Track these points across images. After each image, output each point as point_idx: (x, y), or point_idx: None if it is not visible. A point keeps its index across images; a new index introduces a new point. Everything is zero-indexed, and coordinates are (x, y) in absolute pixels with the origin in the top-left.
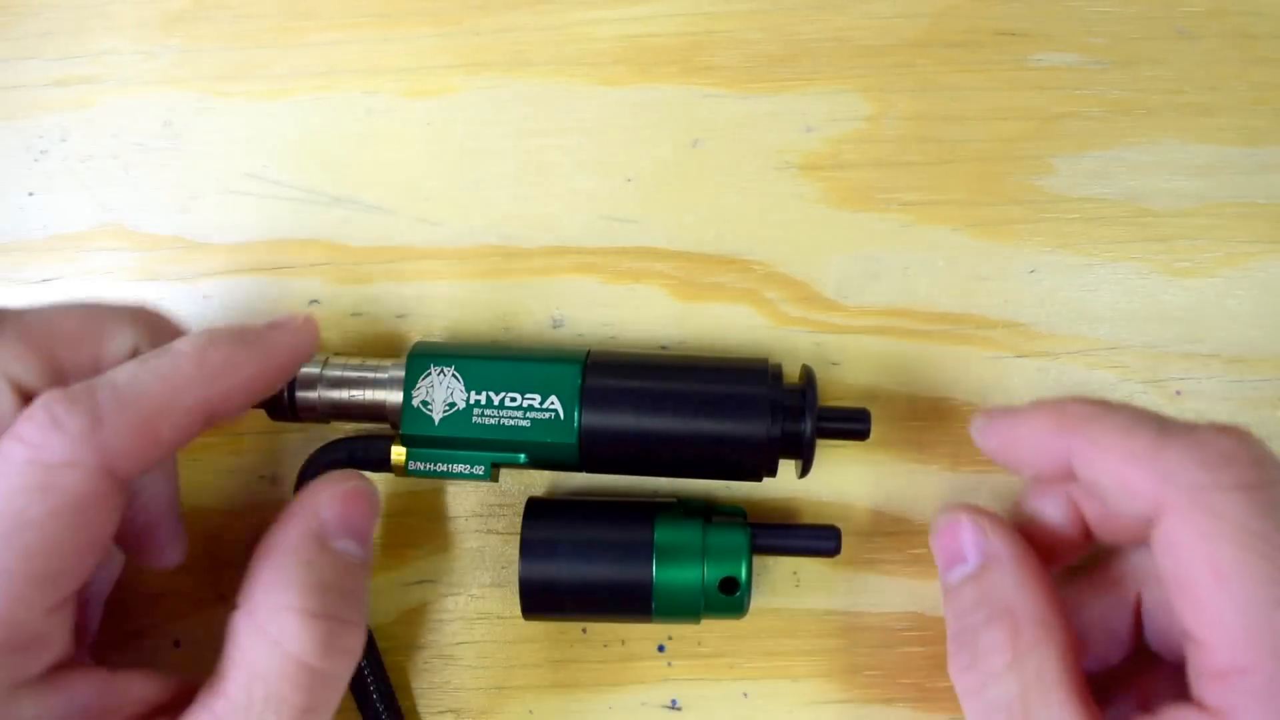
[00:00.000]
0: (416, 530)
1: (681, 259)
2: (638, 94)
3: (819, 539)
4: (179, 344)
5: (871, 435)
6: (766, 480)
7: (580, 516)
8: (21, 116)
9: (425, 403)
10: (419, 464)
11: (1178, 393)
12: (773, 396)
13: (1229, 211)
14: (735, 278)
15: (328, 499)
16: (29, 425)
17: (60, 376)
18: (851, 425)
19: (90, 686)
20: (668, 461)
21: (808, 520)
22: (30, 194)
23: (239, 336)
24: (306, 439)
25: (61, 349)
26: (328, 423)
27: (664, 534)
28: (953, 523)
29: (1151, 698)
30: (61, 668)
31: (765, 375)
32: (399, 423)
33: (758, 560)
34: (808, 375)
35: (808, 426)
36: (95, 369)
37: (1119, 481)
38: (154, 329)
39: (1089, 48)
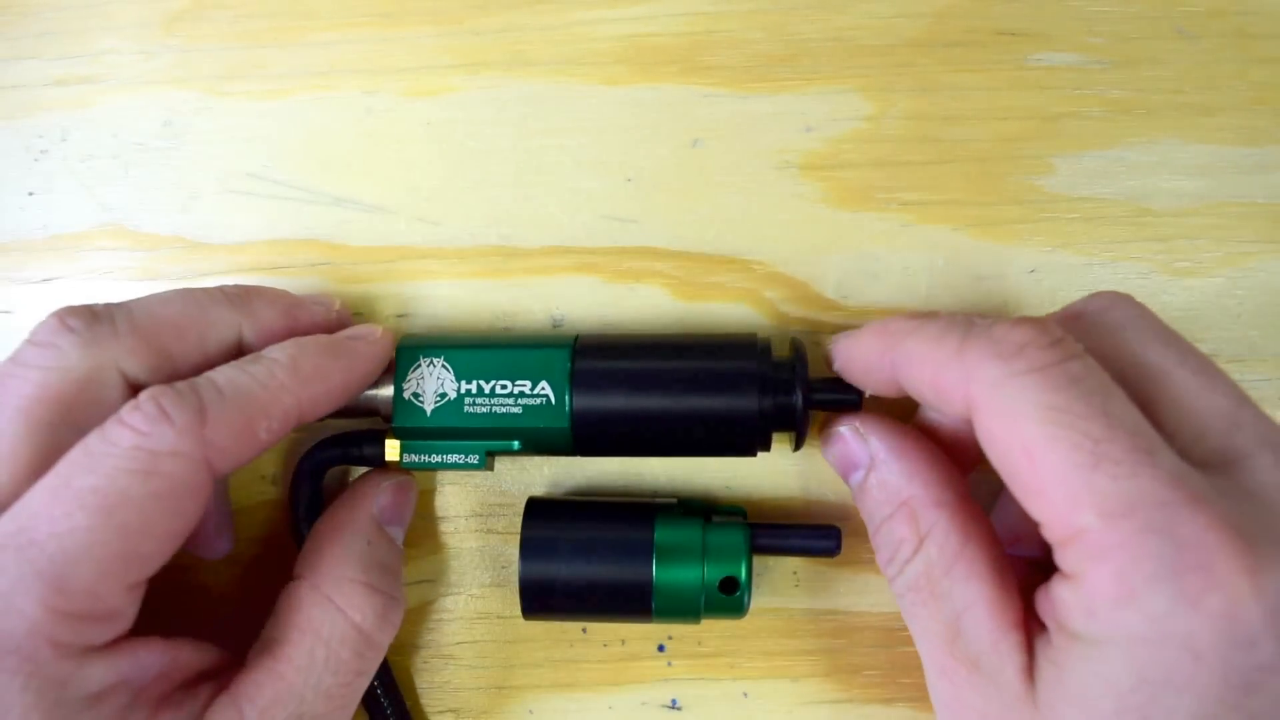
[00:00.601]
0: (416, 530)
1: (681, 259)
2: (638, 94)
3: (819, 539)
4: (274, 351)
5: None
6: (768, 477)
7: (580, 516)
8: (21, 116)
9: (416, 395)
10: (413, 456)
11: None
12: (762, 370)
13: (1229, 211)
14: (735, 278)
15: (385, 488)
16: (137, 415)
17: (170, 367)
18: (843, 395)
19: (151, 654)
20: (661, 441)
21: (808, 520)
22: (30, 194)
23: (328, 347)
24: (302, 437)
25: (170, 340)
26: (320, 419)
27: (664, 534)
28: (837, 433)
29: None
30: (126, 636)
31: (754, 350)
32: (391, 416)
33: (758, 560)
34: (796, 347)
35: (799, 398)
36: (202, 356)
37: (932, 389)
38: (254, 310)
39: (1089, 48)
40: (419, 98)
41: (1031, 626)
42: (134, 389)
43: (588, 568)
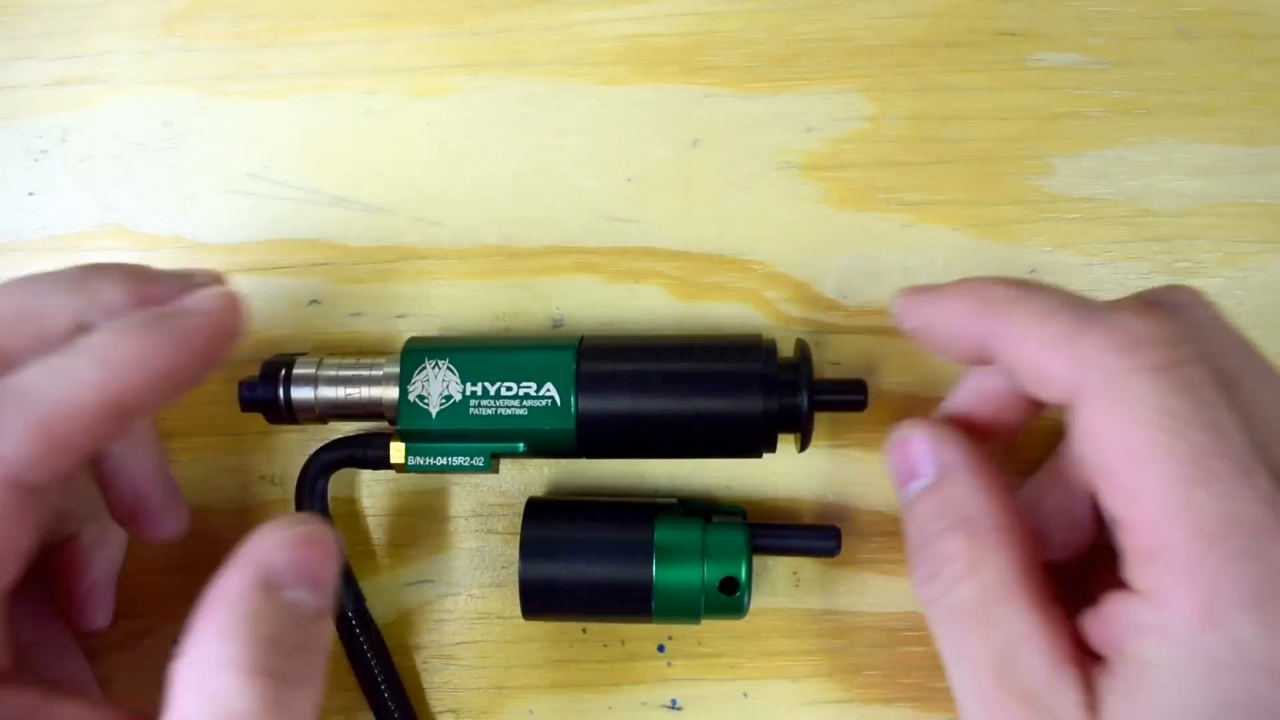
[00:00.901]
0: (416, 530)
1: (681, 259)
2: (638, 94)
3: (819, 539)
4: (86, 339)
5: (871, 436)
6: (767, 477)
7: (580, 517)
8: (21, 116)
9: (422, 397)
10: (419, 459)
11: None
12: (768, 372)
13: (1229, 211)
14: (735, 278)
15: (278, 543)
16: None
17: (6, 367)
18: (848, 396)
19: (20, 705)
20: (666, 442)
21: (808, 520)
22: (30, 194)
23: (146, 326)
24: (306, 439)
25: (2, 338)
26: (325, 423)
27: (664, 534)
28: (907, 438)
29: (1111, 584)
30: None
31: (759, 351)
32: (397, 419)
33: (758, 560)
34: (802, 348)
35: (804, 399)
36: (42, 348)
37: (1036, 368)
38: (94, 291)
39: (1089, 48)
40: (419, 98)
41: (1085, 658)
42: None
43: (588, 568)
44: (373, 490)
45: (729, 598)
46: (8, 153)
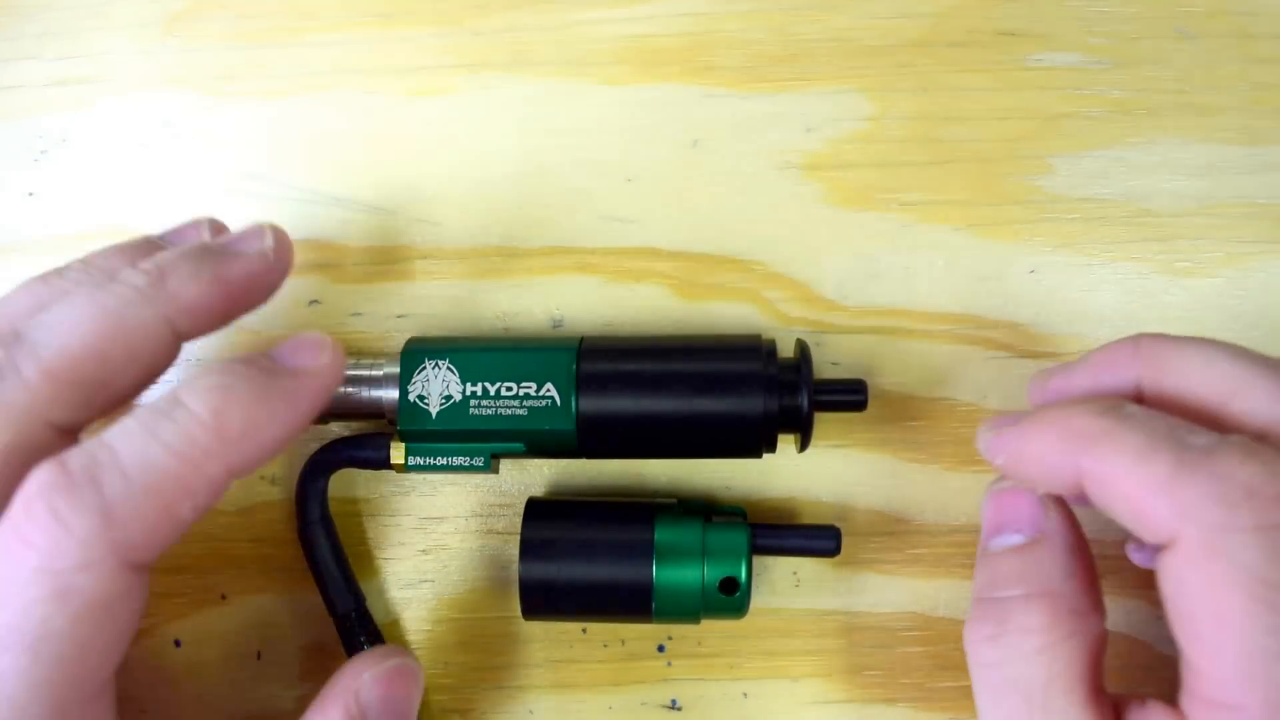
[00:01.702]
0: (416, 530)
1: (681, 259)
2: (638, 94)
3: (819, 539)
4: (191, 399)
5: (871, 436)
6: (767, 477)
7: (580, 517)
8: (21, 116)
9: (422, 397)
10: (418, 459)
11: None
12: (768, 372)
13: (1229, 211)
14: (735, 278)
15: (370, 681)
16: (32, 525)
17: (105, 396)
18: (848, 396)
19: None
20: (667, 443)
21: (808, 520)
22: (30, 194)
23: (262, 393)
24: (306, 439)
25: (93, 370)
26: (326, 423)
27: (664, 534)
28: (1015, 490)
29: (1160, 690)
30: None
31: (759, 352)
32: (396, 419)
33: (758, 560)
34: (802, 349)
35: (805, 400)
36: (139, 372)
37: (1133, 510)
38: (176, 295)
39: (1089, 48)
40: (419, 98)
41: None
42: (71, 433)
43: (588, 568)
44: (373, 490)
45: (729, 598)
46: (8, 153)
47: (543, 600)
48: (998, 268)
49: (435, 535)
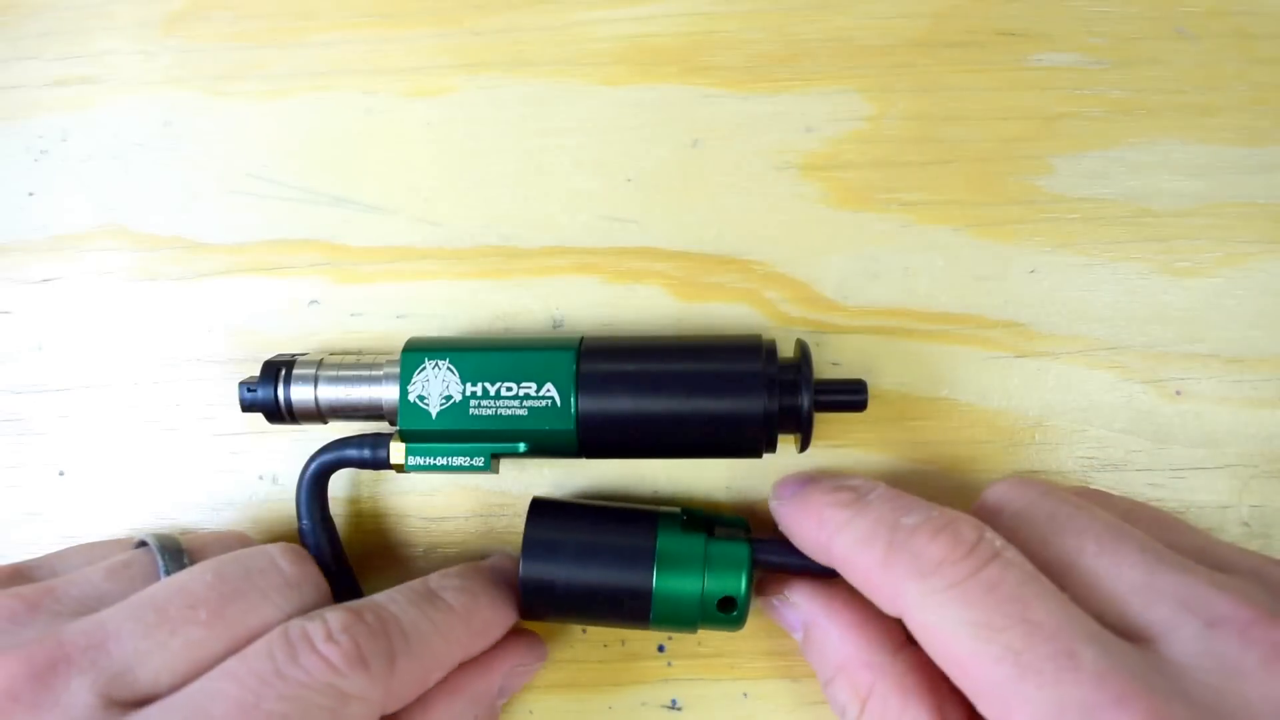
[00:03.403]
0: (417, 530)
1: (681, 259)
2: (638, 94)
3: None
4: (450, 594)
5: (871, 436)
6: (768, 477)
7: (584, 520)
8: (21, 116)
9: (422, 397)
10: (419, 459)
11: (1177, 393)
12: (768, 372)
13: (1229, 211)
14: (735, 278)
15: (518, 673)
16: (335, 650)
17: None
18: (848, 397)
19: None
20: (667, 443)
21: None
22: (30, 194)
23: (501, 599)
24: (306, 439)
25: (431, 676)
26: (326, 423)
27: (666, 543)
28: (767, 603)
29: None
30: None
31: (760, 352)
32: (397, 419)
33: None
34: (803, 349)
35: (805, 400)
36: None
37: (866, 591)
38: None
39: (1089, 48)
40: (419, 98)
41: None
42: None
43: (588, 572)
44: (373, 490)
45: (727, 615)
46: (8, 153)
47: (542, 601)
48: (998, 268)
49: (435, 535)
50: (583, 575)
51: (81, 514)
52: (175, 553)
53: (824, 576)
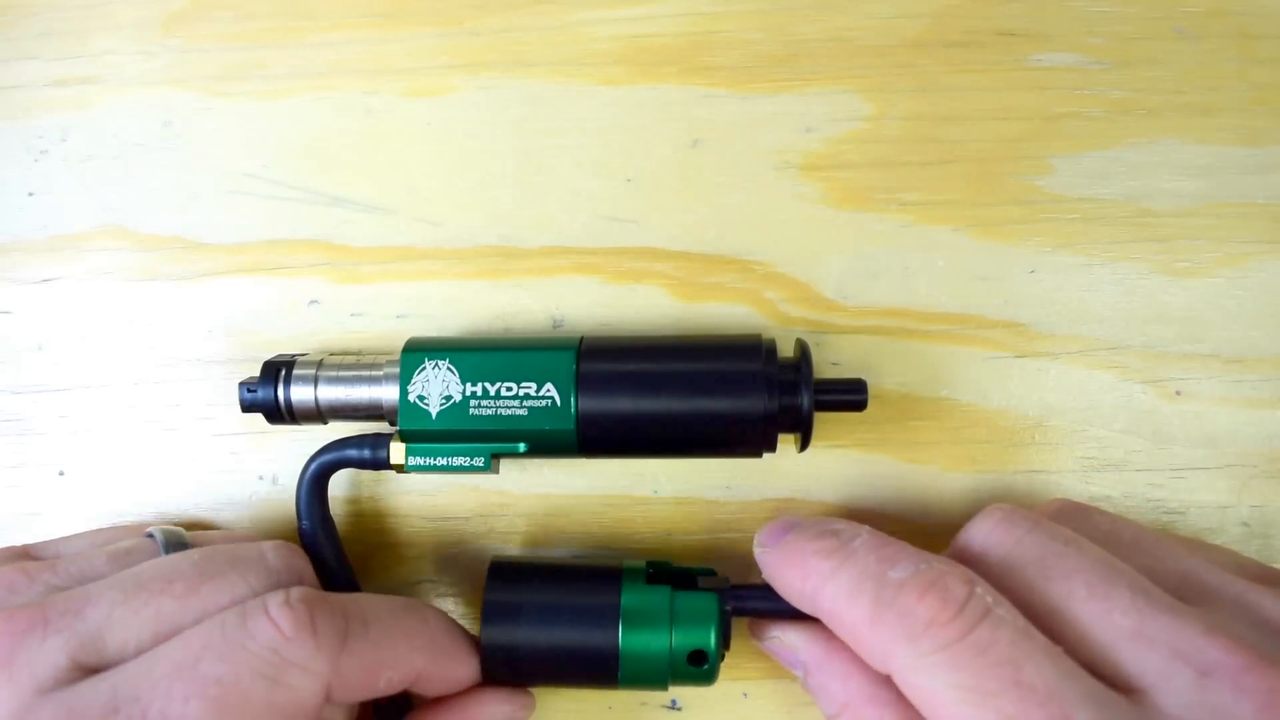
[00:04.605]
0: (417, 530)
1: (681, 259)
2: (638, 94)
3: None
4: (430, 614)
5: (871, 436)
6: (768, 477)
7: (545, 580)
8: (21, 116)
9: (422, 397)
10: (419, 459)
11: (1177, 393)
12: (768, 372)
13: (1229, 211)
14: (735, 278)
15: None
16: (286, 614)
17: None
18: (849, 396)
19: None
20: (667, 442)
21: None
22: (30, 194)
23: (467, 635)
24: (306, 439)
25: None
26: (326, 423)
27: (631, 599)
28: (765, 643)
29: None
30: None
31: (760, 351)
32: (397, 419)
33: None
34: (802, 348)
35: (805, 400)
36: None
37: (855, 648)
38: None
39: (1089, 48)
40: (419, 98)
41: None
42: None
43: (552, 634)
44: (373, 490)
45: (698, 669)
46: (8, 153)
47: (505, 666)
48: (998, 268)
49: (435, 535)
50: (546, 638)
51: (81, 514)
52: (177, 543)
53: (814, 619)
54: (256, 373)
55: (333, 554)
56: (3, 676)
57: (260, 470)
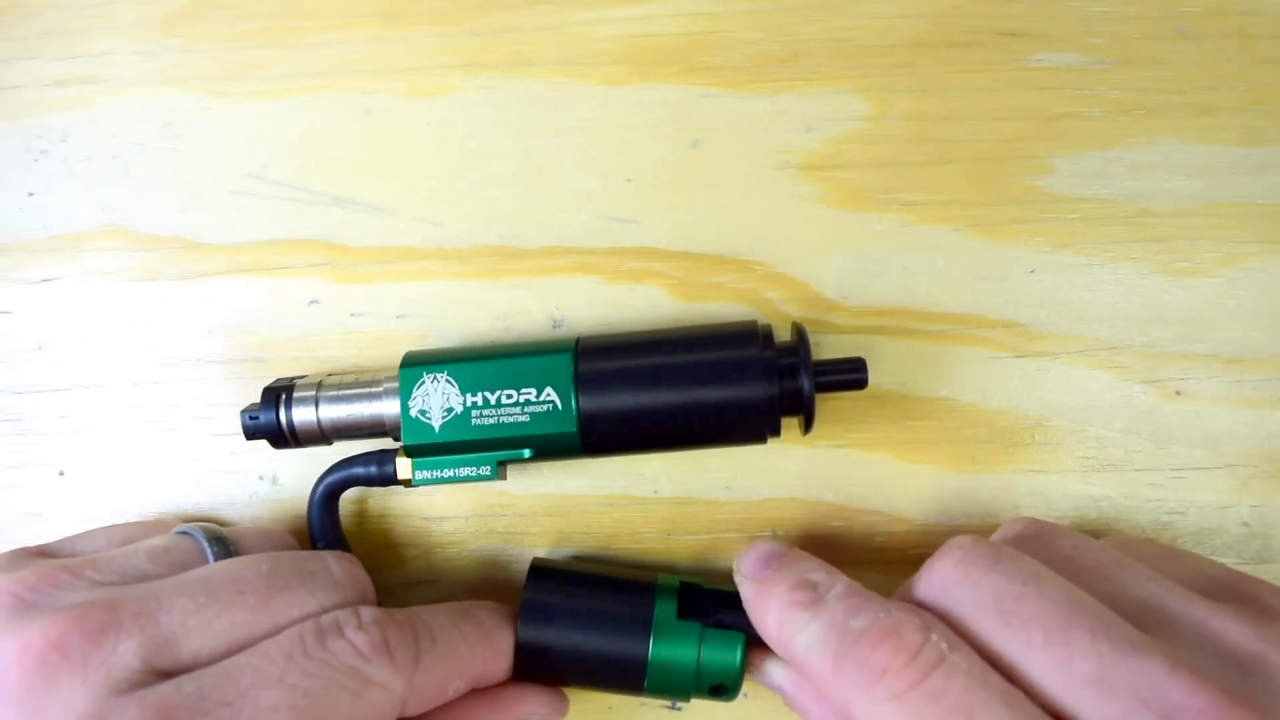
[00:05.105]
0: (416, 530)
1: (681, 259)
2: (638, 94)
3: None
4: (482, 614)
5: (871, 436)
6: (769, 477)
7: (582, 585)
8: (21, 116)
9: (423, 412)
10: (426, 473)
11: (1177, 393)
12: (767, 357)
13: (1229, 211)
14: (735, 278)
15: (531, 718)
16: (363, 637)
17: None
18: (849, 375)
19: None
20: (671, 435)
21: (805, 520)
22: (30, 194)
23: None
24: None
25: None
26: (330, 443)
27: (663, 613)
28: (755, 676)
29: None
30: None
31: (756, 337)
32: (400, 435)
33: None
34: (799, 331)
35: (806, 382)
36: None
37: (821, 693)
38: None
39: (1089, 48)
40: (419, 98)
41: None
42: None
43: (585, 637)
44: (374, 491)
45: (718, 697)
46: (8, 153)
47: (537, 663)
48: (998, 268)
49: (435, 535)
50: (579, 640)
51: (81, 514)
52: (222, 542)
53: None
54: (257, 372)
55: None
56: (78, 677)
57: (260, 470)
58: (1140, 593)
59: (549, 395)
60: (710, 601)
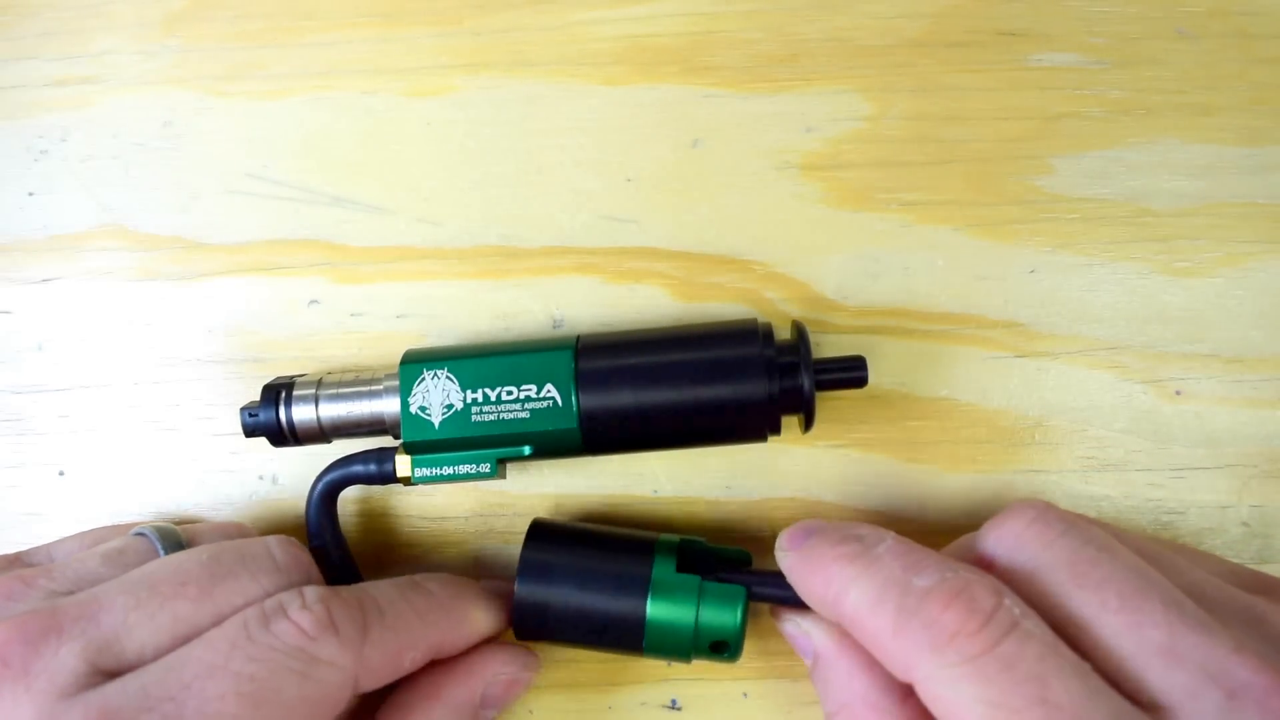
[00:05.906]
0: (416, 530)
1: (681, 259)
2: (638, 94)
3: None
4: (432, 584)
5: (871, 436)
6: (769, 477)
7: (580, 544)
8: (21, 116)
9: (423, 408)
10: (425, 470)
11: (1178, 393)
12: (767, 355)
13: (1229, 211)
14: (735, 278)
15: (498, 679)
16: (307, 616)
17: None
18: (849, 374)
19: None
20: (671, 433)
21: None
22: (30, 194)
23: (485, 603)
24: (311, 456)
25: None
26: (329, 441)
27: (661, 573)
28: (782, 626)
29: None
30: None
31: (757, 335)
32: (400, 432)
33: (757, 561)
34: (799, 330)
35: (806, 381)
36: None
37: (877, 655)
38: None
39: (1089, 48)
40: (419, 98)
41: None
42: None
43: (582, 596)
44: (373, 491)
45: (719, 654)
46: (8, 153)
47: (536, 622)
48: (998, 268)
49: (435, 535)
50: (577, 599)
51: (81, 514)
52: (174, 541)
53: None
54: (256, 372)
55: (347, 570)
56: (20, 686)
57: (260, 470)
58: (1183, 580)
59: (549, 392)
60: (711, 558)
